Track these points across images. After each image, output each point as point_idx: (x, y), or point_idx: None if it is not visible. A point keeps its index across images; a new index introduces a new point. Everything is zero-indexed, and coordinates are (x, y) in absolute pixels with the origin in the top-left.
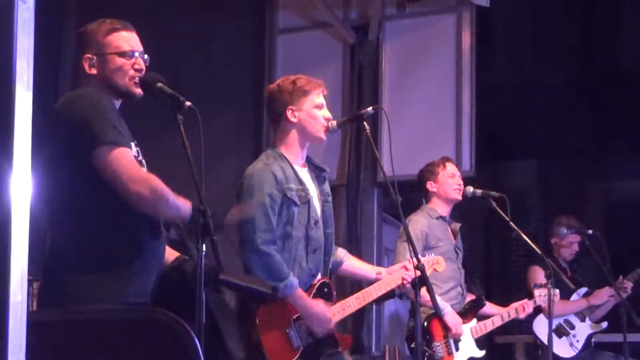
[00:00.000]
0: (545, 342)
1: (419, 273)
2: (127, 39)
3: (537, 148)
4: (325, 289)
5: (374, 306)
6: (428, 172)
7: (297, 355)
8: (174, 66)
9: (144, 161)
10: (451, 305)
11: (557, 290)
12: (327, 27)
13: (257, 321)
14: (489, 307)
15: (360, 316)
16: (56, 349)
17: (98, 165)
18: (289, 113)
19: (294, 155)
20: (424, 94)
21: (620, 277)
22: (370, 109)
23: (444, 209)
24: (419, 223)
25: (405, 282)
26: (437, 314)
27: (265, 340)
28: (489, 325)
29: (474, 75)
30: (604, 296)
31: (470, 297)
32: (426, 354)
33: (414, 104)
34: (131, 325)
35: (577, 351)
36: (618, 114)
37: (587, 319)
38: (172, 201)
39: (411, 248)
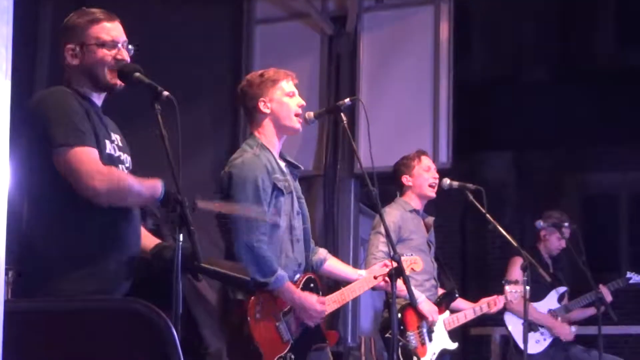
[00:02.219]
0: (513, 334)
1: (395, 264)
2: (109, 30)
3: (513, 140)
4: (312, 284)
5: None
6: (403, 165)
7: (287, 349)
8: (151, 56)
9: (123, 156)
10: (429, 297)
11: (527, 288)
12: (305, 17)
13: (248, 314)
14: (460, 302)
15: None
16: (32, 338)
17: (58, 166)
18: (261, 105)
19: (272, 146)
20: (401, 85)
21: (600, 285)
22: (347, 100)
23: (418, 203)
24: (392, 215)
25: (386, 281)
26: (412, 304)
27: (256, 333)
28: (461, 318)
29: (451, 67)
30: (567, 328)
31: (442, 291)
32: (400, 344)
33: (392, 95)
34: (108, 315)
35: (543, 348)
36: (594, 106)
37: (560, 318)
38: (135, 190)
39: (388, 240)
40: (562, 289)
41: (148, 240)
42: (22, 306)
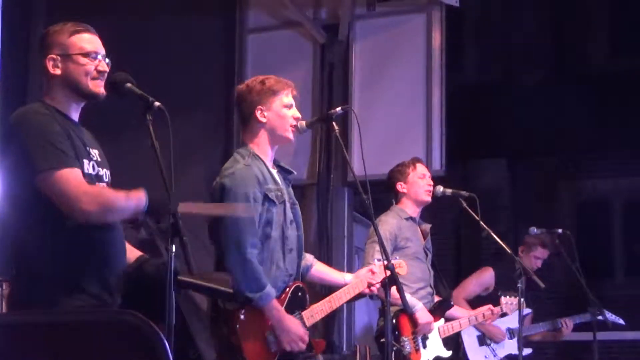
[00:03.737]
0: (465, 346)
1: (388, 273)
2: (90, 41)
3: (507, 147)
4: (299, 293)
5: (344, 306)
6: (398, 172)
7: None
8: (143, 66)
9: (102, 172)
10: (425, 304)
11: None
12: (297, 26)
13: (237, 324)
14: (455, 310)
15: (331, 315)
16: (25, 350)
17: (43, 190)
18: (258, 113)
19: (264, 155)
20: (394, 93)
21: (565, 319)
22: (339, 109)
23: (414, 210)
24: (388, 224)
25: (371, 286)
26: (407, 312)
27: (244, 343)
28: (456, 327)
29: (444, 74)
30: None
31: (438, 299)
32: (394, 349)
33: (384, 103)
34: (100, 327)
35: None
36: (588, 112)
37: (515, 338)
38: (121, 205)
39: (382, 249)
40: (527, 310)
41: (131, 253)
42: (14, 319)
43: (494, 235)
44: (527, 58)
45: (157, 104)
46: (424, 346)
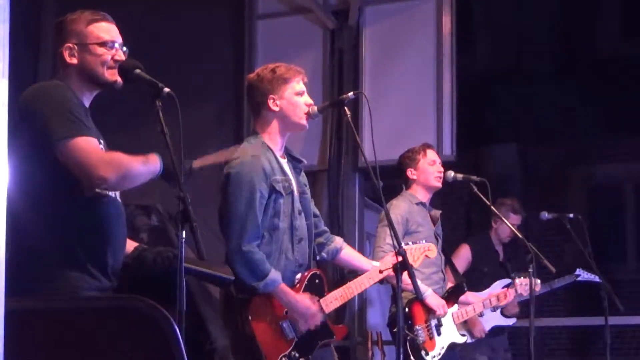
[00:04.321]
0: None
1: (400, 258)
2: (108, 30)
3: (517, 132)
4: (317, 280)
5: None
6: (408, 158)
7: (291, 347)
8: (153, 52)
9: None
10: (433, 290)
11: (539, 281)
12: (307, 12)
13: (249, 314)
14: (469, 295)
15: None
16: (34, 338)
17: (61, 159)
18: (270, 102)
19: (275, 144)
20: (404, 78)
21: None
22: (351, 94)
23: (424, 196)
24: (399, 207)
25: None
26: (418, 298)
27: (258, 332)
28: (470, 312)
29: (454, 59)
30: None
31: (450, 284)
32: (408, 338)
33: (395, 89)
34: (110, 313)
35: (470, 340)
36: (599, 97)
37: (499, 310)
38: (138, 170)
39: (392, 233)
40: (506, 281)
41: (128, 244)
42: (23, 305)
43: (505, 220)
44: (538, 43)
45: (166, 90)
46: (439, 333)
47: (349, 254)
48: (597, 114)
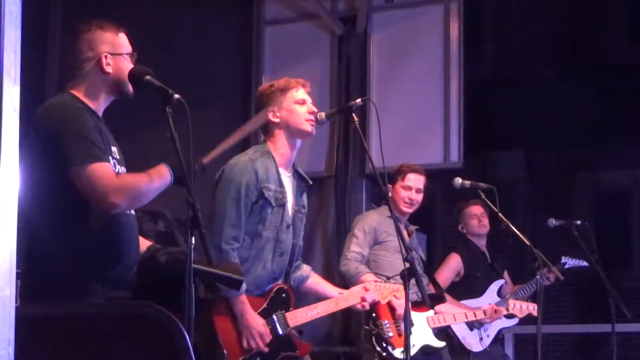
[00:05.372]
0: (457, 333)
1: (407, 265)
2: (126, 40)
3: (524, 139)
4: (283, 295)
5: None
6: (392, 174)
7: (252, 354)
8: (162, 59)
9: (120, 170)
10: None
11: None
12: (314, 18)
13: (214, 314)
14: (451, 307)
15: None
16: (45, 343)
17: (74, 182)
18: (270, 115)
19: (281, 157)
20: (412, 85)
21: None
22: (358, 100)
23: (399, 212)
24: (369, 218)
25: (363, 302)
26: (425, 303)
27: (220, 333)
28: (449, 319)
29: (462, 66)
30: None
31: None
32: (373, 332)
33: (402, 95)
34: (120, 320)
35: (484, 346)
36: (605, 104)
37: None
38: (148, 189)
39: (400, 238)
40: (500, 281)
41: (141, 244)
42: (34, 312)
43: (512, 227)
44: (544, 49)
45: (176, 96)
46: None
47: (315, 282)
48: (604, 120)
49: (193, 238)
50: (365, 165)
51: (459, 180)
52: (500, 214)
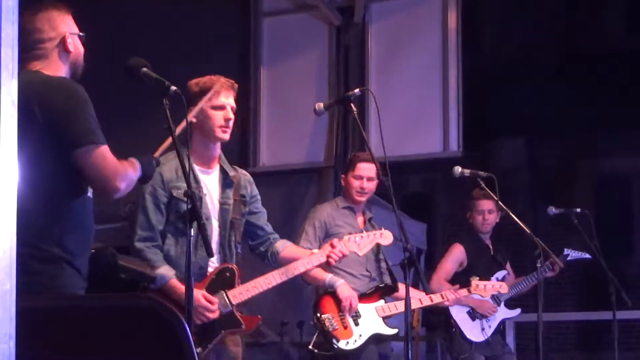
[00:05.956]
0: (458, 322)
1: (407, 255)
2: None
3: (525, 126)
4: (228, 274)
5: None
6: (346, 164)
7: (196, 331)
8: (159, 50)
9: None
10: (358, 288)
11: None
12: (312, 9)
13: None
14: (413, 292)
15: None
16: (46, 337)
17: (79, 163)
18: (190, 115)
19: (198, 156)
20: (410, 74)
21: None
22: (357, 90)
23: (353, 202)
24: (319, 212)
25: (330, 258)
26: (426, 291)
27: None
28: (400, 306)
29: (460, 55)
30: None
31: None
32: (317, 327)
33: (401, 85)
34: (120, 312)
35: (486, 337)
36: (606, 92)
37: (502, 303)
38: (135, 178)
39: (400, 229)
40: (503, 272)
41: None
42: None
43: (513, 215)
44: (543, 38)
45: (173, 88)
46: (356, 324)
47: (289, 252)
48: (604, 108)
49: (192, 230)
50: None
51: (458, 169)
52: (500, 202)
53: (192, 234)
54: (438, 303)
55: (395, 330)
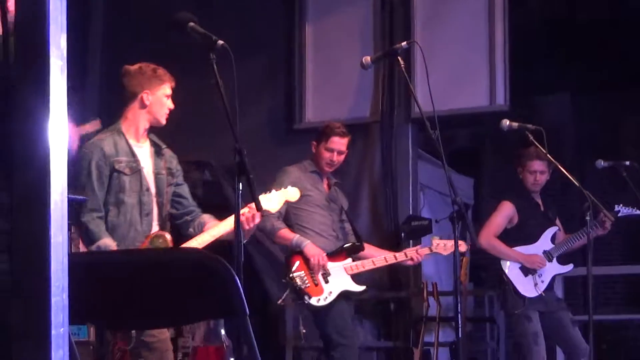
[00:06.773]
0: (511, 278)
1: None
2: None
3: (571, 81)
4: (161, 240)
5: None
6: (319, 132)
7: None
8: (205, 6)
9: None
10: (325, 247)
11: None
12: None
13: None
14: (371, 251)
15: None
16: (102, 289)
17: None
18: (144, 95)
19: (130, 132)
20: (456, 29)
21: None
22: (404, 43)
23: (322, 168)
24: (287, 174)
25: (247, 223)
26: (473, 244)
27: None
28: (367, 264)
29: (507, 9)
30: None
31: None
32: (289, 285)
33: (447, 40)
34: (173, 266)
35: (539, 292)
36: None
37: (555, 259)
38: None
39: (450, 184)
40: (554, 228)
41: None
42: (89, 258)
43: (562, 168)
44: None
45: (220, 42)
46: (326, 281)
47: (210, 225)
48: None
49: (240, 184)
50: (410, 110)
51: (506, 122)
52: (548, 156)
53: (240, 187)
54: (402, 261)
55: (363, 287)
